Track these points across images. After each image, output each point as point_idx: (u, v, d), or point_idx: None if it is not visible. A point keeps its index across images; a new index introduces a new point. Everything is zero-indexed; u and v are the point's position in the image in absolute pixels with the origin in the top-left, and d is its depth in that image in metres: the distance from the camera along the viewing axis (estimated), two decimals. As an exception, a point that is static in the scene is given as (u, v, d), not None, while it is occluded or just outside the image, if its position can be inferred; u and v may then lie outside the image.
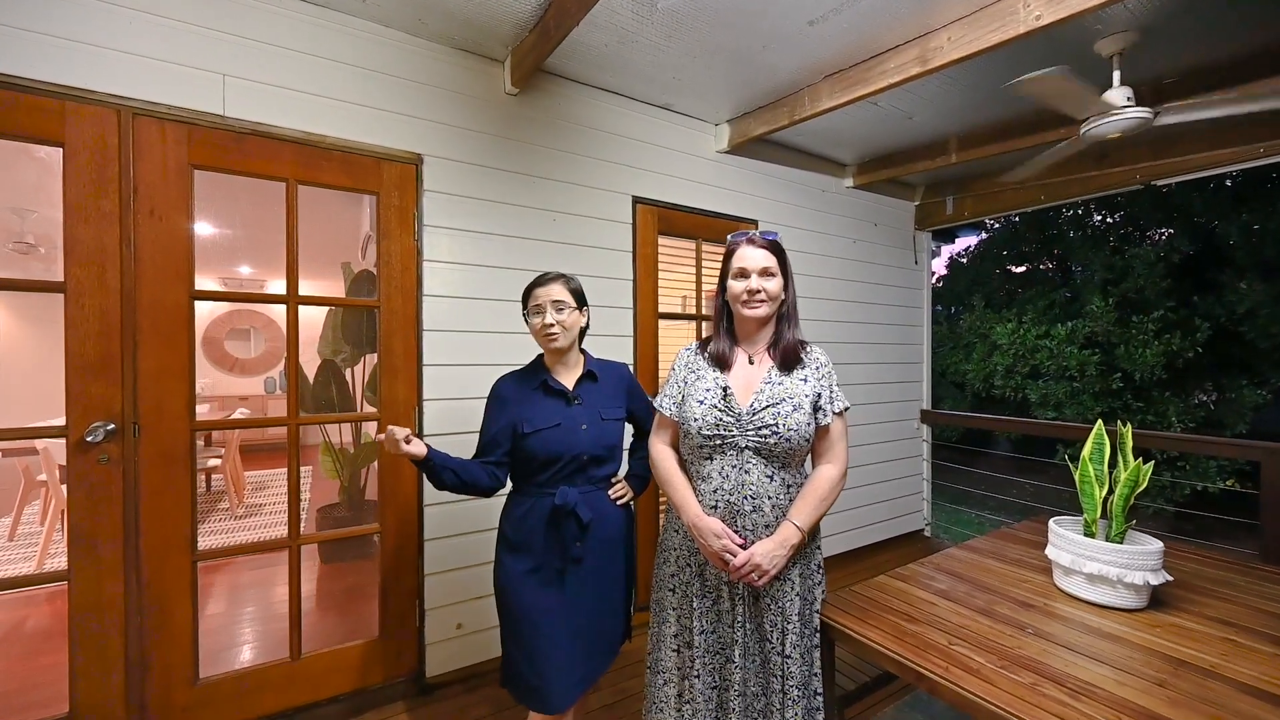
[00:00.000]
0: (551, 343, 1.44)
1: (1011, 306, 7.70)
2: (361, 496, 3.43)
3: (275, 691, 1.87)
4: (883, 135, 2.94)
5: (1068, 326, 6.10)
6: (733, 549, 1.19)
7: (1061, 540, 1.41)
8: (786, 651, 1.23)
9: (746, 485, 1.23)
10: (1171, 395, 5.77)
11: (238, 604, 2.90)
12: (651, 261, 2.68)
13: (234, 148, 1.79)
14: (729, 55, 2.15)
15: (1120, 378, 5.78)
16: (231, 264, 6.56)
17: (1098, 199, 7.84)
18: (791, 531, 1.21)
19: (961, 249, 9.95)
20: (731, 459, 1.25)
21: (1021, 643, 1.18)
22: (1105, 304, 5.94)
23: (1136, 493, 1.36)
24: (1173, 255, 5.90)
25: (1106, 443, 1.41)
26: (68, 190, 1.58)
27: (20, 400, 6.38)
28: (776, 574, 1.20)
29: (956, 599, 1.40)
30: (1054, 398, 6.18)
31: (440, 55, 2.13)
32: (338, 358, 3.30)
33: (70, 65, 1.57)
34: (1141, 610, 1.33)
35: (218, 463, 4.39)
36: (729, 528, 1.23)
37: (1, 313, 6.44)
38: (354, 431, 3.50)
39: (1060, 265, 8.63)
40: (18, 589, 2.80)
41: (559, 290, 1.44)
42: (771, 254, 1.30)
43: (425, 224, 2.10)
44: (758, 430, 1.23)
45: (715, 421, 1.25)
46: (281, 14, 1.85)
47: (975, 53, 1.77)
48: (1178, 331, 5.55)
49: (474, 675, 2.20)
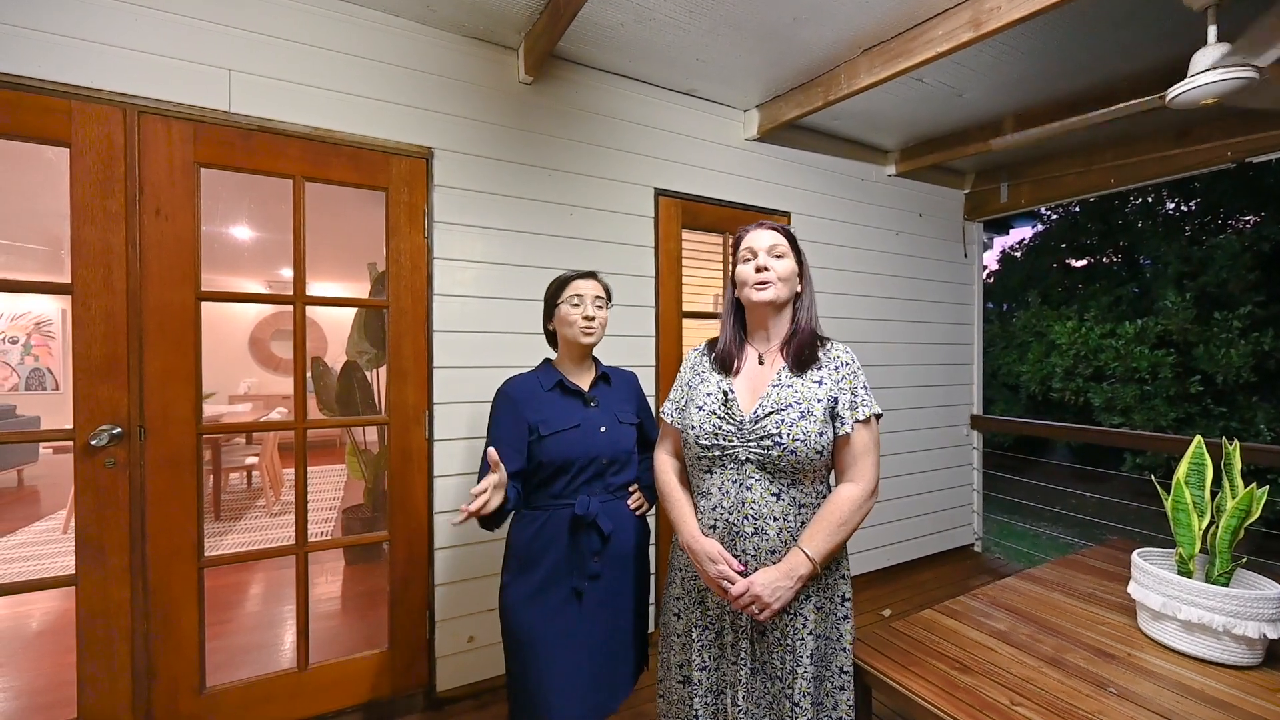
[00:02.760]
0: (588, 336, 1.38)
1: (1071, 303, 7.14)
2: (384, 499, 3.41)
3: (281, 703, 1.82)
4: (929, 116, 2.69)
5: (1137, 324, 5.58)
6: (730, 575, 1.04)
7: (1149, 579, 1.19)
8: (796, 699, 1.05)
9: (747, 504, 1.07)
10: (1260, 400, 5.19)
11: (250, 609, 2.90)
12: (675, 257, 2.53)
13: (240, 145, 1.75)
14: (756, 30, 1.97)
15: (1199, 380, 5.24)
16: (273, 266, 6.76)
17: (1171, 183, 7.19)
18: (800, 560, 1.03)
19: (1015, 241, 9.36)
20: (732, 473, 1.09)
21: (1103, 706, 0.98)
22: (1181, 299, 5.40)
23: (1247, 524, 1.13)
24: (1261, 244, 5.31)
25: (1209, 463, 1.17)
26: (74, 191, 1.57)
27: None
28: (782, 608, 1.03)
29: (1019, 643, 1.19)
30: (1121, 402, 5.66)
31: (450, 44, 2.04)
32: (361, 359, 3.29)
33: (76, 63, 1.55)
34: (1255, 668, 1.10)
35: (255, 460, 4.50)
36: (729, 551, 1.07)
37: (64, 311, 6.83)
38: (379, 433, 3.49)
39: (1127, 258, 7.97)
40: (26, 593, 2.90)
41: (599, 287, 1.42)
42: (780, 235, 1.15)
43: (436, 220, 2.02)
44: (759, 440, 1.07)
45: (714, 430, 1.10)
46: (287, 6, 1.80)
47: (1039, 10, 1.54)
48: (1269, 330, 4.98)
49: (486, 691, 2.11)
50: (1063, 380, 6.29)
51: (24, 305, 6.69)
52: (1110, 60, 2.12)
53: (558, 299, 1.40)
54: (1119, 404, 5.68)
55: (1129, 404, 5.61)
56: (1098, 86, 2.28)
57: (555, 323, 1.42)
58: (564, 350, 1.43)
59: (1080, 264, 8.56)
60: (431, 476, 2.03)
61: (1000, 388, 8.43)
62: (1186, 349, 5.39)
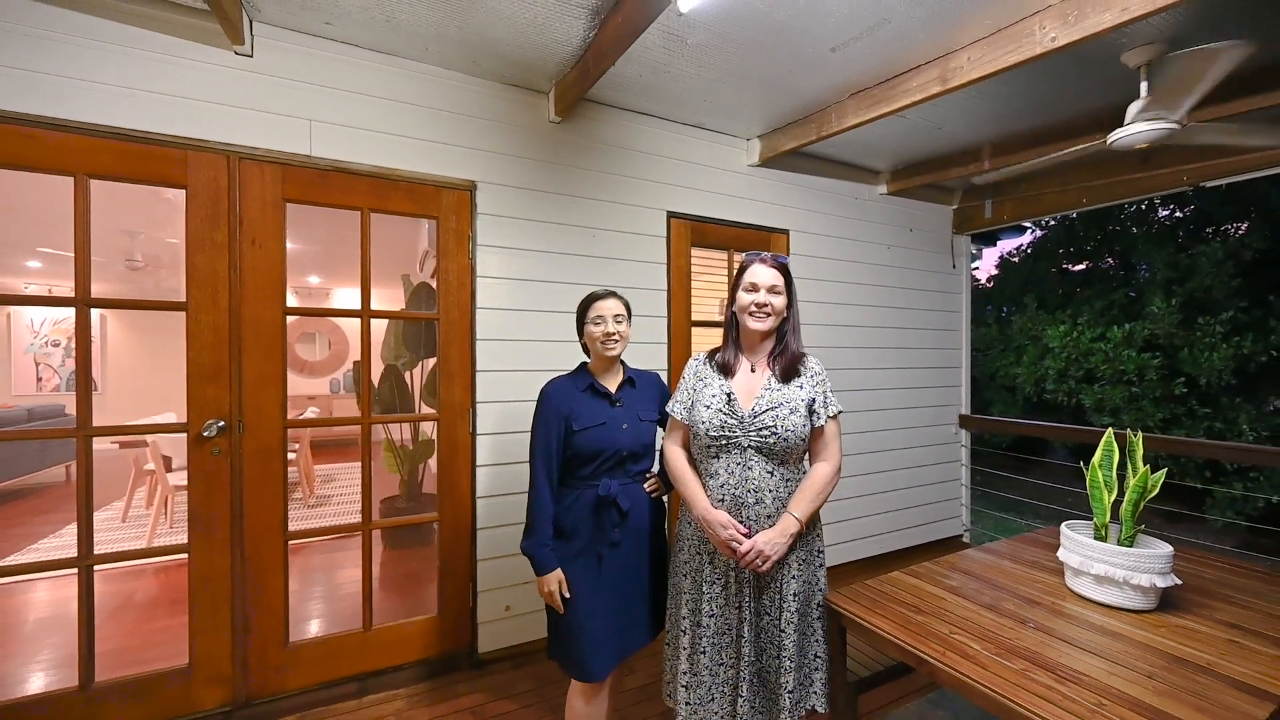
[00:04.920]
0: (609, 350, 1.59)
1: (1067, 308, 7.38)
2: (419, 490, 3.74)
3: (350, 657, 2.13)
4: (914, 145, 2.98)
5: (1125, 329, 5.83)
6: (738, 538, 1.34)
7: (1072, 543, 1.48)
8: (782, 626, 1.37)
9: (749, 480, 1.38)
10: (1243, 402, 5.42)
11: (314, 582, 3.24)
12: (684, 273, 2.83)
13: (319, 183, 2.07)
14: (756, 80, 2.28)
15: (1184, 383, 5.48)
16: (302, 275, 7.12)
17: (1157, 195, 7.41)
18: (791, 522, 1.35)
19: (1013, 247, 9.58)
20: (736, 457, 1.40)
21: (1021, 635, 1.27)
22: (1167, 304, 5.64)
23: (1147, 499, 1.42)
24: (1244, 252, 5.54)
25: (1116, 450, 1.46)
26: (189, 225, 1.89)
27: (131, 396, 7.15)
28: (779, 559, 1.34)
29: (965, 595, 1.49)
30: (1110, 403, 5.91)
31: (492, 91, 2.36)
32: (399, 362, 3.61)
33: (190, 119, 1.88)
34: (1149, 612, 1.38)
35: (293, 456, 4.83)
36: (735, 518, 1.37)
37: (113, 323, 7.22)
38: (413, 430, 3.81)
39: (1123, 263, 8.19)
40: (143, 560, 3.25)
41: (619, 305, 1.62)
42: (780, 275, 1.44)
43: (479, 243, 2.33)
44: (759, 431, 1.37)
45: (721, 424, 1.40)
46: (358, 63, 2.12)
47: (994, 72, 1.84)
48: (1250, 334, 5.22)
49: (521, 654, 2.41)
50: (1056, 382, 6.53)
51: (64, 311, 7.08)
52: (1068, 102, 2.41)
53: (584, 318, 1.63)
54: (1109, 405, 5.93)
55: (1118, 405, 5.86)
56: (1060, 123, 2.57)
57: (584, 338, 1.65)
58: (594, 359, 1.67)
59: (1079, 269, 8.79)
60: (475, 466, 2.33)
61: (999, 389, 8.66)
62: (1172, 352, 5.63)
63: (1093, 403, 6.10)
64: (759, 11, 1.80)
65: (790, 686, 1.35)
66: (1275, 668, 1.15)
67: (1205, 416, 5.48)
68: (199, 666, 1.92)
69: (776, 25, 1.88)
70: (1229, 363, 5.18)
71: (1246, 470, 5.31)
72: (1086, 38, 1.61)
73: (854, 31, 1.88)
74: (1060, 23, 1.64)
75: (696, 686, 1.41)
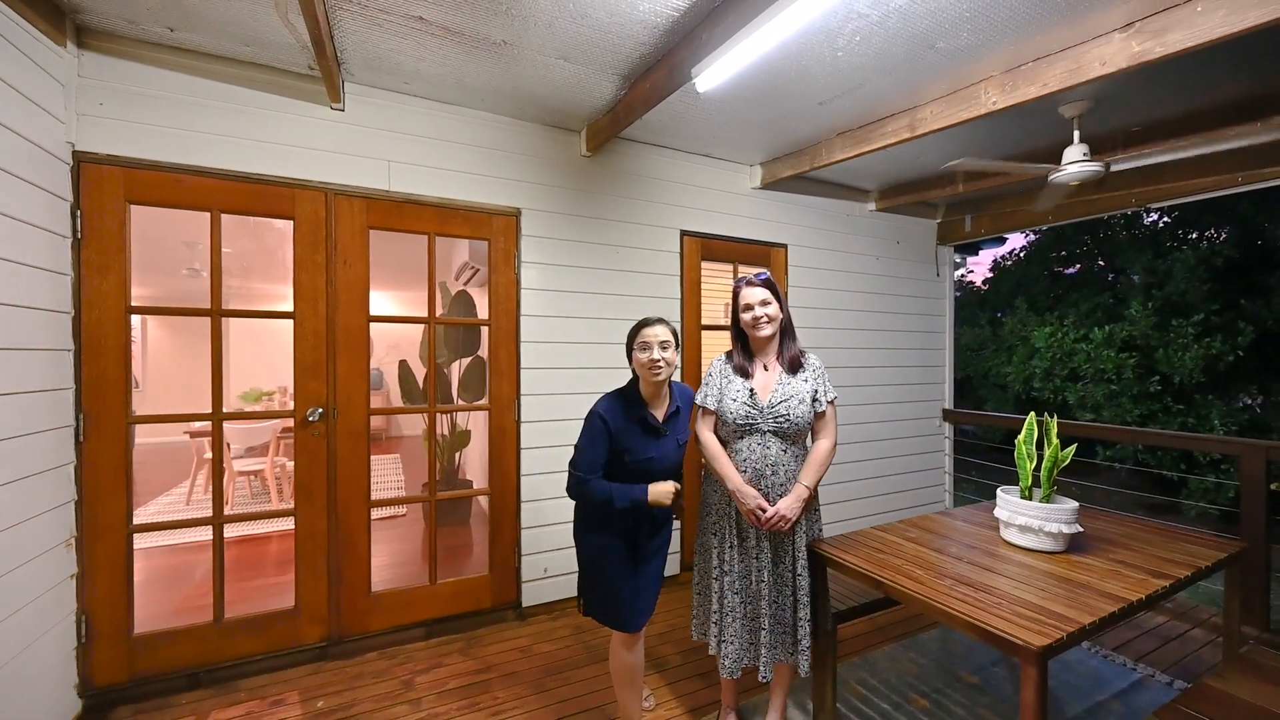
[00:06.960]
0: (655, 376, 1.65)
1: (1055, 310, 7.77)
2: (456, 475, 4.17)
3: (420, 605, 2.56)
4: (897, 170, 3.40)
5: (1105, 330, 6.22)
6: (764, 505, 1.73)
7: (1004, 501, 1.90)
8: (798, 571, 1.78)
9: (768, 457, 1.78)
10: (1214, 399, 5.81)
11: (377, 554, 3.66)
12: (695, 283, 3.26)
13: (395, 212, 2.50)
14: (758, 123, 2.70)
15: (1159, 381, 5.87)
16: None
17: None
18: (802, 490, 1.74)
19: (1006, 251, 9.96)
20: (757, 439, 1.79)
21: (955, 566, 1.69)
22: (1145, 308, 6.03)
23: (1060, 467, 1.83)
24: (1215, 259, 5.93)
25: (1035, 429, 1.88)
26: (296, 249, 2.32)
27: (170, 390, 7.62)
28: (795, 520, 1.74)
29: (919, 542, 1.91)
30: (1092, 400, 6.30)
31: (534, 131, 2.79)
32: (438, 360, 4.04)
33: (296, 163, 2.31)
34: (1060, 553, 1.79)
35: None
36: (755, 487, 1.77)
37: (153, 326, 7.70)
38: (450, 422, 4.24)
39: (1110, 267, 8.58)
40: (257, 520, 3.67)
41: (664, 332, 1.67)
42: (766, 288, 1.81)
43: (523, 260, 2.76)
44: (775, 418, 1.77)
45: (745, 414, 1.79)
46: (425, 113, 2.55)
47: (951, 124, 2.25)
48: (1219, 335, 5.60)
49: (557, 609, 2.84)
50: (1042, 380, 6.92)
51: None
52: (1022, 142, 2.82)
53: (632, 345, 1.69)
54: (1090, 401, 6.31)
55: (1099, 402, 6.25)
56: (1020, 154, 2.97)
57: (633, 363, 1.71)
58: (643, 384, 1.72)
59: (1070, 272, 9.17)
60: (519, 448, 2.76)
61: (992, 387, 9.05)
62: (1149, 352, 6.01)
63: (1076, 400, 6.50)
64: (760, 78, 2.22)
65: (804, 618, 1.76)
66: (1140, 586, 1.56)
67: (1179, 412, 5.87)
68: (304, 608, 2.35)
69: (774, 87, 2.30)
70: (1199, 362, 5.57)
71: (1217, 462, 5.69)
72: (1020, 103, 2.02)
73: (837, 91, 2.30)
74: (1000, 90, 2.06)
75: (730, 624, 1.80)
